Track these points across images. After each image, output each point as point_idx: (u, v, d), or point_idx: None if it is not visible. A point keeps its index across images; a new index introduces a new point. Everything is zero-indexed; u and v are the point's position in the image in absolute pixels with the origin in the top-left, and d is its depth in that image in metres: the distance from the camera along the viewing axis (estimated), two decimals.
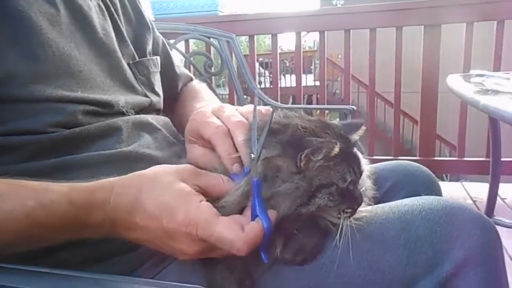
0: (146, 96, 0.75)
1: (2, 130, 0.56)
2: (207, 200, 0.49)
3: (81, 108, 0.61)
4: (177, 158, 0.64)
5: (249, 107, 0.59)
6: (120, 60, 0.71)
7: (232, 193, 0.51)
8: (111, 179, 0.50)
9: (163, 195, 0.47)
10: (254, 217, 0.47)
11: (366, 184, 0.68)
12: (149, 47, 0.83)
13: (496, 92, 0.90)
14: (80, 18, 0.66)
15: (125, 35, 0.76)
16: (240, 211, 0.50)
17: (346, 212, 0.52)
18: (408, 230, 0.53)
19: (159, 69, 0.83)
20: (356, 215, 0.54)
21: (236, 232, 0.45)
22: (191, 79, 0.99)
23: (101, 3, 0.73)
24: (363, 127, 0.58)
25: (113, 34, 0.72)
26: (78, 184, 0.49)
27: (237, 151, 0.53)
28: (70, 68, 0.62)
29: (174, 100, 0.93)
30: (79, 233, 0.49)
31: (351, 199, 0.52)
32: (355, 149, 0.55)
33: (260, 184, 0.47)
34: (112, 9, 0.75)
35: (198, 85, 0.98)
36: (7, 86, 0.55)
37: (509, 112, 0.69)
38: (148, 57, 0.80)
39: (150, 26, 0.85)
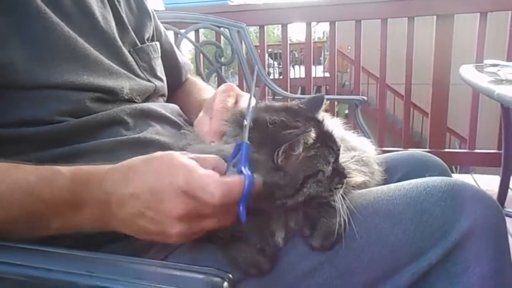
0: (150, 81, 0.76)
1: (9, 121, 0.57)
2: None
3: (87, 96, 0.62)
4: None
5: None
6: (121, 48, 0.72)
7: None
8: (106, 166, 0.52)
9: (154, 164, 0.49)
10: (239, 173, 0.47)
11: (373, 167, 0.69)
12: (149, 35, 0.84)
13: (511, 82, 0.89)
14: (81, 7, 0.67)
15: (126, 21, 0.77)
16: None
17: (337, 188, 0.53)
18: (414, 205, 0.54)
19: (159, 55, 0.84)
20: (349, 184, 0.56)
21: (214, 177, 0.45)
22: (190, 71, 1.01)
23: None
24: (325, 101, 0.60)
25: (113, 22, 0.73)
26: (78, 166, 0.51)
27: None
28: (76, 51, 0.62)
29: (178, 89, 0.94)
30: (78, 211, 0.49)
31: (338, 175, 0.53)
32: (325, 125, 0.55)
33: (249, 148, 0.47)
34: None
35: (196, 79, 1.01)
36: (11, 72, 0.56)
37: None
38: (148, 43, 0.81)
39: (151, 14, 0.86)
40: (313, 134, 0.50)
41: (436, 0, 2.36)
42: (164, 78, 0.83)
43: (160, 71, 0.82)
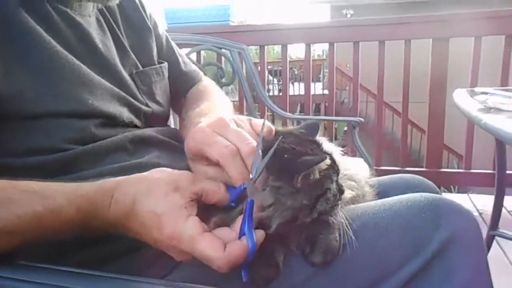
0: (148, 106, 0.76)
1: (18, 151, 0.58)
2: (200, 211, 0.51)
3: (92, 123, 0.63)
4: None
5: (260, 121, 0.61)
6: (120, 73, 0.72)
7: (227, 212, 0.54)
8: (113, 183, 0.52)
9: (156, 206, 0.49)
10: (241, 234, 0.49)
11: (364, 189, 0.73)
12: (154, 52, 0.84)
13: (498, 110, 0.93)
14: (81, 36, 0.68)
15: (126, 45, 0.77)
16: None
17: (338, 204, 0.58)
18: (397, 218, 0.60)
19: (164, 76, 0.84)
20: (344, 200, 0.61)
21: (218, 251, 0.47)
22: (200, 78, 0.97)
23: (100, 17, 0.74)
24: (320, 127, 0.65)
25: (113, 48, 0.74)
26: (83, 189, 0.51)
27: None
28: (81, 77, 0.64)
29: (182, 99, 0.92)
30: (82, 234, 0.52)
31: (339, 192, 0.58)
32: (325, 147, 0.60)
33: (253, 205, 0.50)
34: (112, 21, 0.76)
35: (207, 85, 0.96)
36: (21, 102, 0.57)
37: (508, 132, 0.73)
38: (153, 66, 0.81)
39: (152, 29, 0.85)
40: (328, 162, 0.56)
41: (432, 24, 2.43)
42: (164, 102, 0.82)
43: (160, 95, 0.81)
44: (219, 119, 0.58)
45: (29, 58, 0.59)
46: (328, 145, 0.65)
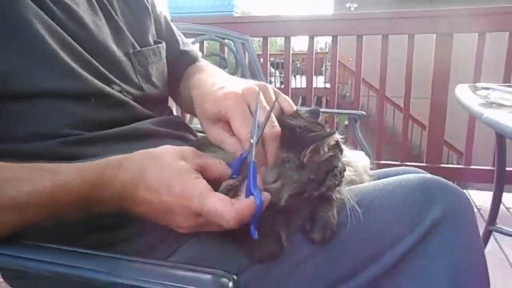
0: (142, 89, 0.75)
1: (16, 135, 0.59)
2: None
3: (87, 104, 0.64)
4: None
5: (284, 100, 0.63)
6: (113, 54, 0.71)
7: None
8: (118, 157, 0.54)
9: (163, 171, 0.51)
10: (248, 194, 0.51)
11: (363, 177, 0.75)
12: (152, 32, 0.82)
13: (500, 105, 0.94)
14: (70, 15, 0.66)
15: (120, 24, 0.75)
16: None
17: (342, 182, 0.61)
18: (391, 197, 0.61)
19: (162, 56, 0.83)
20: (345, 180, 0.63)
21: (227, 204, 0.49)
22: (198, 58, 0.96)
23: None
24: (321, 114, 0.68)
25: (106, 28, 0.72)
26: (88, 164, 0.53)
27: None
28: (73, 54, 0.63)
29: (181, 78, 0.91)
30: (92, 208, 0.53)
31: (342, 171, 0.61)
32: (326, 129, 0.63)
33: (256, 166, 0.52)
34: (105, 0, 0.74)
35: (205, 64, 0.95)
36: (10, 81, 0.57)
37: (509, 126, 0.74)
38: (150, 45, 0.80)
39: (149, 8, 0.84)
40: (336, 137, 0.59)
41: (436, 19, 2.43)
42: (160, 84, 0.81)
43: (156, 76, 0.80)
44: (249, 87, 0.58)
45: (19, 36, 0.59)
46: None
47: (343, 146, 0.68)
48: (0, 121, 0.59)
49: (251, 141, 0.53)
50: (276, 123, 0.56)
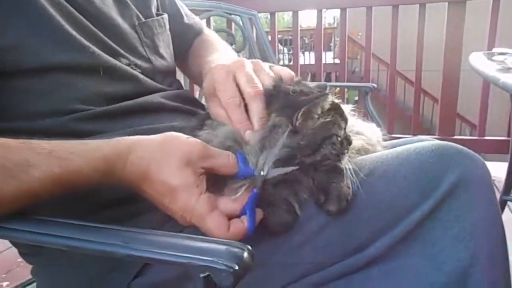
0: (150, 61, 0.75)
1: (22, 113, 0.59)
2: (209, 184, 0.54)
3: (96, 79, 0.64)
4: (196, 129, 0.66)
5: (281, 69, 0.64)
6: (119, 27, 0.71)
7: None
8: (128, 144, 0.53)
9: (169, 178, 0.51)
10: (243, 212, 0.54)
11: (377, 148, 0.73)
12: (154, 3, 0.82)
13: None
14: None
15: None
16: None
17: (344, 153, 0.59)
18: (405, 164, 0.60)
19: (166, 29, 0.82)
20: (354, 149, 0.63)
21: (222, 231, 0.51)
22: (202, 29, 0.97)
23: None
24: (328, 88, 0.64)
25: (112, 3, 0.72)
26: (100, 149, 0.52)
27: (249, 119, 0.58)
28: (78, 26, 0.63)
29: (187, 52, 0.92)
30: (100, 187, 0.54)
31: (346, 140, 0.59)
32: (336, 101, 0.61)
33: (257, 196, 0.53)
34: None
35: (210, 35, 0.96)
36: (17, 54, 0.58)
37: None
38: (154, 17, 0.79)
39: None
40: (330, 99, 0.57)
41: None
42: (167, 55, 0.81)
43: (163, 47, 0.80)
44: (238, 60, 0.61)
45: (25, 9, 0.59)
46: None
47: (350, 117, 0.66)
48: (12, 98, 0.60)
49: (262, 173, 0.54)
50: (257, 83, 0.58)
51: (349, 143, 0.60)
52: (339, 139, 0.58)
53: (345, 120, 0.60)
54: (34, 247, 0.65)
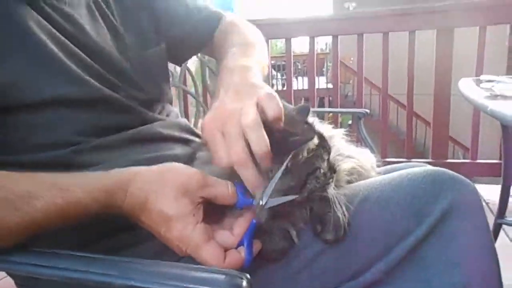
0: (145, 91, 0.76)
1: (25, 147, 0.60)
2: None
3: (95, 110, 0.65)
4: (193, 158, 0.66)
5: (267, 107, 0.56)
6: (115, 59, 0.72)
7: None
8: (128, 176, 0.54)
9: (166, 208, 0.52)
10: (240, 243, 0.53)
11: (371, 173, 0.74)
12: (152, 30, 0.81)
13: (504, 97, 0.94)
14: (69, 22, 0.67)
15: (119, 27, 0.75)
16: None
17: (329, 183, 0.59)
18: (398, 191, 0.61)
19: (163, 57, 0.83)
20: (341, 171, 0.63)
21: (218, 261, 0.51)
22: (220, 18, 0.92)
23: (92, 5, 0.73)
24: (310, 109, 0.63)
25: (105, 32, 0.73)
26: (100, 183, 0.53)
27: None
28: (76, 58, 0.64)
29: (208, 43, 0.90)
30: (100, 217, 0.54)
31: (330, 169, 0.59)
32: (316, 127, 0.61)
33: (256, 227, 0.54)
34: (105, 7, 0.75)
35: (228, 25, 0.91)
36: (16, 90, 0.58)
37: None
38: (151, 47, 0.80)
39: (148, 4, 0.82)
40: (316, 141, 0.57)
41: (436, 14, 2.42)
42: (163, 84, 0.82)
43: (161, 76, 0.82)
44: (221, 111, 0.55)
45: (24, 44, 0.60)
46: (323, 126, 0.65)
47: (342, 141, 0.67)
48: (15, 132, 0.60)
49: (261, 202, 0.53)
50: (239, 150, 0.52)
51: (334, 171, 0.60)
52: (322, 171, 0.58)
53: (328, 151, 0.60)
54: (30, 278, 0.65)
